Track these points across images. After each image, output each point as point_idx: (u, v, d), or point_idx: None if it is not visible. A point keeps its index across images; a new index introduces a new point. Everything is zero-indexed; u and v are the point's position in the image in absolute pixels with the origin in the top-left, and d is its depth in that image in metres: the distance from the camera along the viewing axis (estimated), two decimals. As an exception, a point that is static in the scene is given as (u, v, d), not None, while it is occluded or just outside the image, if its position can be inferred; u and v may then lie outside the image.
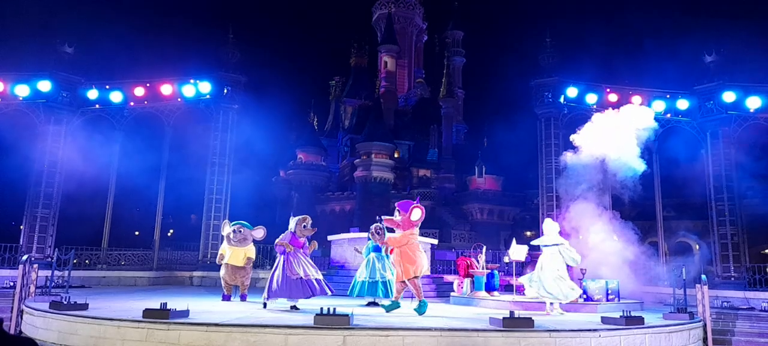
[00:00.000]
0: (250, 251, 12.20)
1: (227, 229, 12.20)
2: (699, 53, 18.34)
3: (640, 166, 14.19)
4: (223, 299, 11.94)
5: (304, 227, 10.26)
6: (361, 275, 11.63)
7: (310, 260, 10.26)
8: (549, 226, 11.14)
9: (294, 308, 9.76)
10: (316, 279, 9.92)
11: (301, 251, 10.13)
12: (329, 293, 10.18)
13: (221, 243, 12.82)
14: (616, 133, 14.07)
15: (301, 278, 9.74)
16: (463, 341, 7.44)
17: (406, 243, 9.71)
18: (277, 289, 9.79)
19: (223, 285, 12.28)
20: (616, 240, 13.70)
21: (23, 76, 17.85)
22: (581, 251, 13.46)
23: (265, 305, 10.16)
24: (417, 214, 9.73)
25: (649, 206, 19.43)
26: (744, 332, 11.75)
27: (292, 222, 10.36)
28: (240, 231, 12.01)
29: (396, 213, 9.95)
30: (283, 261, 9.95)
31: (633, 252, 13.70)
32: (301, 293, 9.73)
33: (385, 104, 55.93)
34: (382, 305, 10.39)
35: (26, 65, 18.18)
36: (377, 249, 11.66)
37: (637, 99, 17.71)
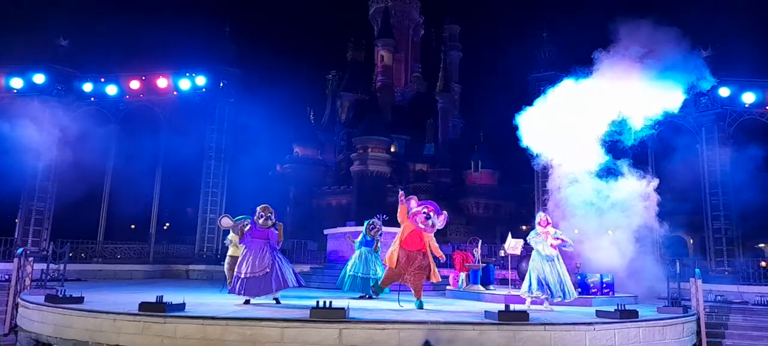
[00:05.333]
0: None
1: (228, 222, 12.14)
2: (694, 48, 18.34)
3: (643, 124, 13.88)
4: (229, 292, 11.81)
5: (269, 218, 9.63)
6: (353, 268, 11.61)
7: (278, 255, 9.76)
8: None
9: (247, 302, 9.46)
10: (272, 273, 9.41)
11: (268, 242, 9.65)
12: (295, 283, 9.66)
13: (219, 237, 12.79)
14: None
15: (256, 275, 9.36)
16: (458, 335, 7.47)
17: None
18: (233, 286, 9.58)
19: (226, 277, 12.21)
20: (611, 233, 13.74)
21: (18, 68, 17.79)
22: (575, 246, 13.49)
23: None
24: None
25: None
26: (737, 326, 11.80)
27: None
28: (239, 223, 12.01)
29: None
30: (242, 257, 9.73)
31: (627, 246, 13.73)
32: (254, 291, 9.38)
33: (382, 99, 55.86)
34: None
35: (21, 58, 18.09)
36: (369, 244, 11.67)
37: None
